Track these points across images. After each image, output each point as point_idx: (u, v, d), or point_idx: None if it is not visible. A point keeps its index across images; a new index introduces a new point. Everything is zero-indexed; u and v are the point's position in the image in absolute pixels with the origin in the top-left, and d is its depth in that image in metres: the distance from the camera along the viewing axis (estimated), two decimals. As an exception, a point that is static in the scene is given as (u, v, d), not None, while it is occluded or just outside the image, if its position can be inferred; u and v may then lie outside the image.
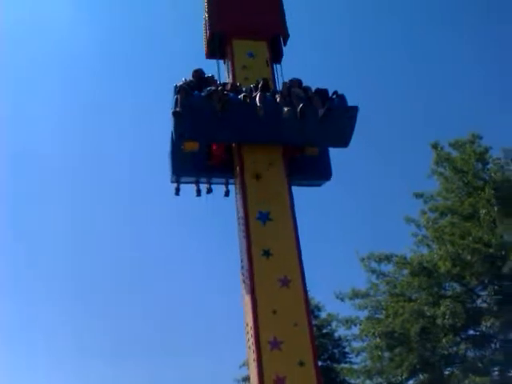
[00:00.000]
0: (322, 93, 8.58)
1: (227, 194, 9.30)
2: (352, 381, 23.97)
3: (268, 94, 8.53)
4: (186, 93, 8.19)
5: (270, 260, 7.67)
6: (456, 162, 18.89)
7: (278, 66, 10.06)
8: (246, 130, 8.40)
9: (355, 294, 19.31)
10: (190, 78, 8.89)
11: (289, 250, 7.83)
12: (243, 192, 8.27)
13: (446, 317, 16.59)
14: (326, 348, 28.78)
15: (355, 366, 22.60)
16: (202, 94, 8.24)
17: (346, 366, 26.27)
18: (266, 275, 7.56)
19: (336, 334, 29.85)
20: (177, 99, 8.13)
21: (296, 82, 8.88)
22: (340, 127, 8.40)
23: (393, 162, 38.39)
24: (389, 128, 40.58)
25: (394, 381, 18.84)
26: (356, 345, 20.96)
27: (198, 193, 9.33)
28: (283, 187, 8.44)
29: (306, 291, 7.63)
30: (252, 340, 7.23)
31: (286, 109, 8.11)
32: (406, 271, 18.58)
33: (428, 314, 17.44)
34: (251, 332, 7.29)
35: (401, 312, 17.70)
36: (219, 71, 10.02)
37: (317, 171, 9.28)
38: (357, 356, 21.58)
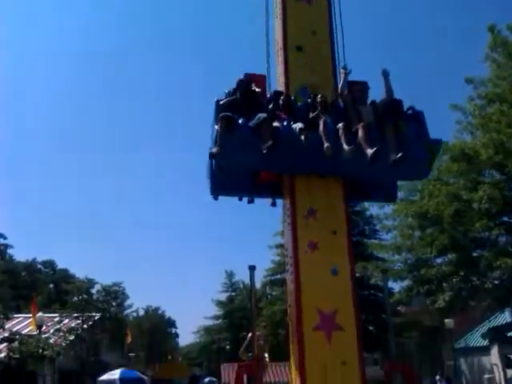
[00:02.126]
0: (393, 110, 7.07)
1: (274, 204, 8.23)
2: (380, 255, 25.07)
3: (329, 120, 6.99)
4: (228, 123, 6.72)
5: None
6: (512, 47, 17.85)
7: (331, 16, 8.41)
8: (300, 164, 7.10)
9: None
10: (233, 87, 7.43)
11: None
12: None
13: (483, 201, 16.72)
14: (357, 224, 29.83)
15: (384, 243, 23.47)
16: (250, 123, 6.77)
17: (376, 241, 27.27)
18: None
19: (368, 213, 30.76)
20: (217, 131, 6.77)
21: (360, 92, 7.43)
22: (417, 161, 7.00)
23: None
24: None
25: (422, 257, 19.60)
26: (387, 223, 21.55)
27: (240, 199, 8.29)
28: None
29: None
30: (288, 206, 7.50)
31: (347, 148, 6.65)
32: (445, 157, 18.47)
33: (465, 197, 17.60)
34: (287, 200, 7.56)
35: (436, 194, 17.88)
36: (267, 13, 8.62)
37: (380, 193, 8.40)
38: (387, 233, 22.27)
